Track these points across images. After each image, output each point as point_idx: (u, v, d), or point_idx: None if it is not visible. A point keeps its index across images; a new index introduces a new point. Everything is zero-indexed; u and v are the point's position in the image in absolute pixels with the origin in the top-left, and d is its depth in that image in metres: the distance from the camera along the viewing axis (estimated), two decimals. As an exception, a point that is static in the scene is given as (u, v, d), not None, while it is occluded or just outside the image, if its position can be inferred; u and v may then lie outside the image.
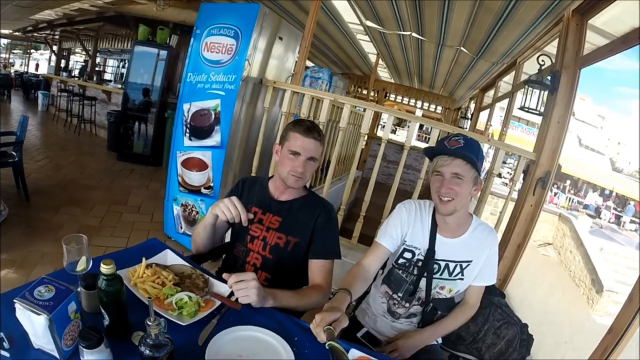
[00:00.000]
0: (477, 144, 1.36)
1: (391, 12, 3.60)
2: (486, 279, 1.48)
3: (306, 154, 1.38)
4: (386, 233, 1.46)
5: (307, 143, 1.38)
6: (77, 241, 1.01)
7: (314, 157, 1.41)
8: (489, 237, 1.44)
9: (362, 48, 6.00)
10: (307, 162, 1.40)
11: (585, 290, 8.89)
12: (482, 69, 4.72)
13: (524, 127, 19.76)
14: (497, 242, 1.46)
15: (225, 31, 2.85)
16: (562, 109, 2.50)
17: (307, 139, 1.38)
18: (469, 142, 1.34)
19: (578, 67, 2.46)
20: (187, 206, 3.15)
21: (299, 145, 1.38)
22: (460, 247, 1.42)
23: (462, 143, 1.33)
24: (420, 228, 1.44)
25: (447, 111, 8.04)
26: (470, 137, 1.39)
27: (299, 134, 1.38)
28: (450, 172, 1.32)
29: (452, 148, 1.33)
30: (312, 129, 1.39)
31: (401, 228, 1.45)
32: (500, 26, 3.07)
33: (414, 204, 1.49)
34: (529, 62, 3.68)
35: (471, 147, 1.33)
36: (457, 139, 1.35)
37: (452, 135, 1.40)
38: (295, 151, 1.38)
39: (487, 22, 3.07)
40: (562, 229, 11.30)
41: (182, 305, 1.05)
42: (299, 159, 1.38)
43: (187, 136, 3.01)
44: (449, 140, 1.36)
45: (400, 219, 1.46)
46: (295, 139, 1.39)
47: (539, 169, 2.54)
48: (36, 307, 0.80)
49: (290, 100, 2.93)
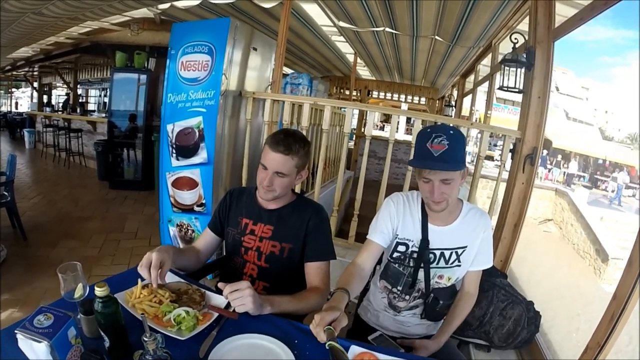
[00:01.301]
0: (461, 138, 1.28)
1: (362, 10, 3.62)
2: (482, 263, 1.46)
3: (272, 168, 1.36)
4: (376, 229, 1.44)
5: (272, 157, 1.35)
6: (72, 269, 1.03)
7: (281, 172, 1.36)
8: (481, 221, 1.41)
9: (339, 49, 6.02)
10: (275, 177, 1.37)
11: (591, 261, 8.94)
12: (459, 55, 4.76)
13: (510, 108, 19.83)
14: (490, 225, 1.44)
15: (199, 48, 2.85)
16: (540, 83, 2.51)
17: (274, 153, 1.35)
18: (453, 139, 1.25)
19: (551, 40, 2.48)
20: (183, 226, 3.14)
21: (266, 159, 1.37)
22: (454, 234, 1.40)
23: (447, 144, 1.23)
24: (410, 220, 1.42)
25: (431, 101, 8.08)
26: (452, 130, 1.29)
27: (268, 146, 1.36)
28: (440, 179, 1.27)
29: (438, 154, 1.24)
30: (281, 143, 1.34)
31: (391, 222, 1.43)
32: (470, 10, 3.10)
33: (401, 197, 1.46)
34: (504, 42, 3.72)
35: (457, 145, 1.25)
36: (441, 140, 1.24)
37: (433, 132, 1.27)
38: (263, 164, 1.38)
39: (457, 8, 3.10)
40: (560, 203, 11.36)
41: (180, 320, 1.06)
42: (267, 173, 1.37)
43: (174, 156, 3.01)
44: (432, 142, 1.25)
45: (389, 213, 1.43)
46: (265, 151, 1.38)
47: (526, 146, 2.55)
48: (37, 335, 0.82)
49: (271, 109, 2.94)
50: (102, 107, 9.01)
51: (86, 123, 7.39)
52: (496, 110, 17.36)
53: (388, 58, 5.89)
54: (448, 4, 3.03)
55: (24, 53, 7.85)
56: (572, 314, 6.09)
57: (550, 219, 11.77)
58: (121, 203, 5.15)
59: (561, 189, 12.38)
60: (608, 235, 8.99)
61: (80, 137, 7.35)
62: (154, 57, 6.36)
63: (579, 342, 1.80)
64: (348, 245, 2.82)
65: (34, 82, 12.31)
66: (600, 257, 8.50)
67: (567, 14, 2.45)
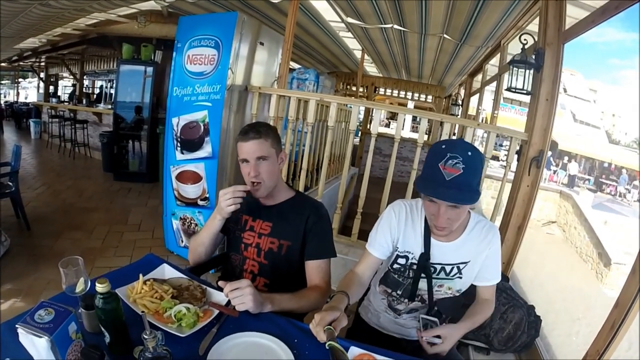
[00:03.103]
0: (479, 161, 1.13)
1: (370, 7, 3.60)
2: (488, 279, 1.37)
3: (252, 156, 1.38)
4: (376, 241, 1.37)
5: (248, 146, 1.38)
6: (74, 263, 1.02)
7: (262, 155, 1.38)
8: (488, 235, 1.31)
9: (346, 45, 6.00)
10: (258, 163, 1.38)
11: (594, 264, 8.88)
12: (467, 54, 4.72)
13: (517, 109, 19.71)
14: (497, 240, 1.33)
15: (205, 42, 2.85)
16: (549, 85, 2.49)
17: (247, 142, 1.38)
18: (470, 162, 1.09)
19: (561, 42, 2.45)
20: (186, 219, 3.15)
21: (243, 152, 1.39)
22: (457, 250, 1.32)
23: (462, 169, 1.08)
24: (412, 232, 1.34)
25: (438, 99, 8.04)
26: (471, 151, 1.11)
27: (240, 141, 1.40)
28: (447, 204, 1.14)
29: (450, 178, 1.09)
30: (249, 131, 1.38)
31: (391, 235, 1.36)
32: (480, 9, 3.07)
33: (404, 207, 1.37)
34: (512, 43, 3.68)
35: (473, 169, 1.10)
36: (455, 163, 1.08)
37: (449, 150, 1.11)
38: (243, 158, 1.40)
39: (467, 6, 3.07)
40: (565, 205, 11.29)
41: (181, 317, 1.06)
42: (249, 164, 1.39)
43: (179, 150, 3.01)
44: (445, 164, 1.09)
45: (389, 225, 1.36)
46: (239, 147, 1.40)
47: (532, 149, 2.53)
48: (37, 330, 0.82)
49: (277, 104, 2.93)
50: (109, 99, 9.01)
51: (92, 114, 7.41)
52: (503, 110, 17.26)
53: (395, 55, 5.86)
54: (458, 2, 3.01)
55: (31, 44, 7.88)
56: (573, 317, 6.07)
57: (554, 221, 11.70)
58: (125, 195, 5.17)
59: (566, 191, 12.30)
60: (612, 239, 8.93)
61: (86, 128, 7.37)
62: (161, 50, 6.37)
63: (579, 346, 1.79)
64: (351, 243, 2.82)
65: (40, 72, 12.35)
66: (603, 262, 8.44)
67: (578, 16, 2.41)
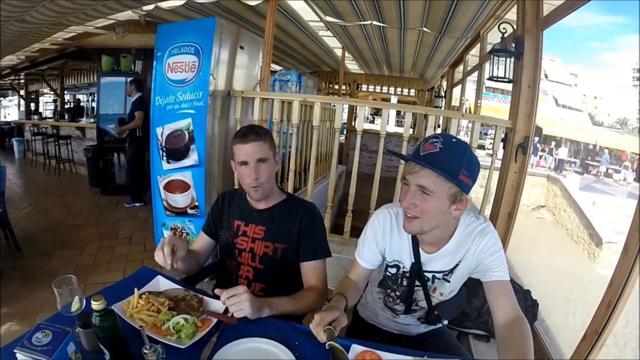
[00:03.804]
0: (461, 148, 1.08)
1: (348, 4, 3.60)
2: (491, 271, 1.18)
3: (252, 158, 1.37)
4: (363, 252, 1.33)
5: (248, 148, 1.37)
6: (67, 282, 1.01)
7: (262, 157, 1.38)
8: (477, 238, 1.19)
9: (327, 44, 6.01)
10: (258, 165, 1.38)
11: (585, 245, 9.03)
12: (447, 46, 4.75)
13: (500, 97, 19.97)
14: (492, 238, 1.19)
15: (185, 49, 2.82)
16: (530, 72, 2.52)
17: (246, 144, 1.37)
18: (449, 145, 1.07)
19: (540, 29, 2.48)
20: (177, 229, 3.12)
21: (243, 154, 1.38)
22: (445, 257, 1.24)
23: (439, 147, 1.06)
24: (398, 241, 1.28)
25: (421, 93, 8.08)
26: (455, 139, 1.11)
27: (239, 143, 1.38)
28: (416, 183, 1.08)
29: (424, 153, 1.07)
30: (249, 133, 1.38)
31: (377, 245, 1.30)
32: (457, 1, 3.09)
33: (389, 215, 1.30)
34: (492, 32, 3.72)
35: (451, 152, 1.06)
36: (434, 142, 1.07)
37: (433, 135, 1.11)
38: (243, 161, 1.39)
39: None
40: (553, 189, 11.46)
41: (180, 328, 1.05)
42: (249, 166, 1.38)
43: (165, 159, 2.98)
44: (425, 142, 1.10)
45: (374, 236, 1.30)
46: (238, 149, 1.39)
47: (517, 135, 2.56)
48: (36, 353, 0.82)
49: (260, 107, 2.92)
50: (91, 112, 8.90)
51: (75, 129, 7.30)
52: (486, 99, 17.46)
53: (376, 51, 5.87)
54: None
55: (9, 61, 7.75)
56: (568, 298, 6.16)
57: (543, 206, 11.87)
58: (114, 209, 5.09)
59: (553, 175, 12.49)
60: (601, 219, 9.09)
61: (70, 144, 7.24)
62: (141, 60, 6.30)
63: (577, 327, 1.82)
64: (344, 241, 2.82)
65: (20, 90, 12.15)
66: (594, 242, 8.59)
67: (555, 2, 2.45)
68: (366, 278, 1.38)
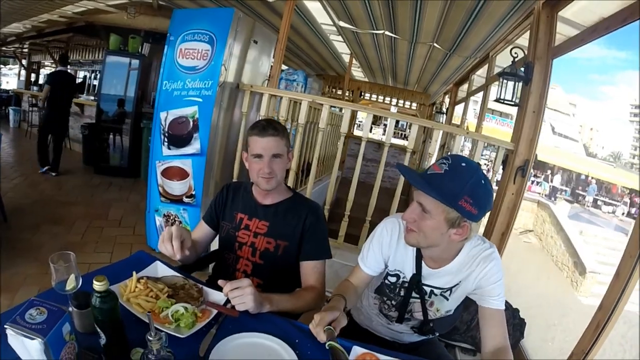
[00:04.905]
0: (468, 174, 1.05)
1: (364, 11, 3.62)
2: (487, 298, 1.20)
3: (268, 152, 1.37)
4: (367, 258, 1.35)
5: (265, 142, 1.37)
6: (65, 259, 0.97)
7: (277, 153, 1.39)
8: (481, 264, 1.20)
9: (336, 49, 6.03)
10: (272, 160, 1.38)
11: (569, 273, 9.15)
12: (455, 64, 4.80)
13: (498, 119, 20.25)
14: (495, 267, 1.20)
15: (200, 37, 2.81)
16: (536, 98, 2.57)
17: (265, 138, 1.37)
18: (455, 169, 1.06)
19: (550, 57, 2.53)
20: (170, 217, 3.10)
21: (259, 147, 1.38)
22: (445, 275, 1.25)
23: (445, 170, 1.06)
24: (403, 252, 1.29)
25: (422, 107, 8.14)
26: (465, 162, 1.08)
27: (256, 136, 1.38)
28: (417, 200, 1.11)
29: (429, 173, 1.08)
30: (267, 127, 1.38)
31: (382, 253, 1.32)
32: (472, 21, 3.12)
33: (397, 225, 1.31)
34: (501, 55, 3.76)
35: (456, 176, 1.05)
36: (443, 163, 1.07)
37: (444, 156, 1.12)
38: (258, 154, 1.38)
39: (459, 18, 3.12)
40: (542, 215, 11.61)
41: (179, 317, 1.04)
42: (263, 160, 1.38)
43: (166, 145, 2.96)
44: (436, 162, 1.11)
45: (380, 244, 1.32)
46: (254, 142, 1.39)
47: (518, 158, 2.60)
48: (29, 332, 0.77)
49: (268, 103, 2.91)
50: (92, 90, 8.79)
51: (74, 105, 7.21)
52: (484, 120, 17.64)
53: (384, 61, 5.91)
54: (451, 13, 3.05)
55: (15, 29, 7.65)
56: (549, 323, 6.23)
57: (531, 230, 12.02)
58: (106, 189, 5.04)
59: (543, 201, 12.65)
60: (587, 249, 9.21)
61: (67, 119, 7.17)
62: (149, 43, 6.26)
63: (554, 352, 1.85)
64: (337, 245, 2.82)
65: (22, 59, 11.97)
66: (578, 270, 8.71)
67: (568, 33, 2.50)
68: (366, 284, 1.39)
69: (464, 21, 3.16)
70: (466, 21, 3.15)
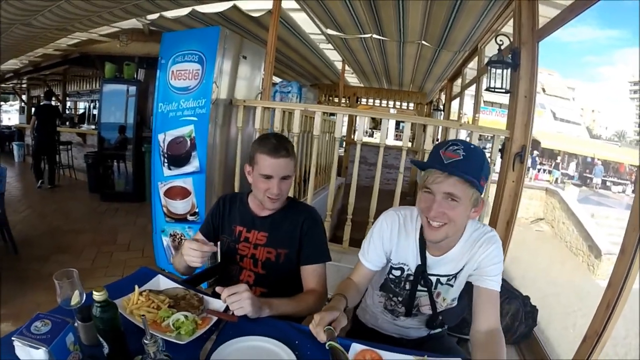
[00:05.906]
0: (480, 155, 1.11)
1: (349, 17, 3.66)
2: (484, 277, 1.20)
3: (278, 173, 1.34)
4: (368, 252, 1.34)
5: (277, 164, 1.33)
6: (68, 275, 1.01)
7: (287, 175, 1.37)
8: (483, 246, 1.21)
9: (327, 57, 6.06)
10: (282, 182, 1.36)
11: (584, 257, 9.02)
12: (446, 60, 4.81)
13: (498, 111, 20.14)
14: (496, 249, 1.21)
15: (189, 57, 2.87)
16: (526, 83, 2.57)
17: (277, 159, 1.33)
18: (471, 152, 1.09)
19: (535, 41, 2.54)
20: (176, 236, 3.13)
21: (269, 168, 1.33)
22: (450, 261, 1.26)
23: (462, 155, 1.07)
24: (405, 244, 1.29)
25: (420, 106, 8.13)
26: (473, 145, 1.13)
27: (267, 155, 1.33)
28: (443, 191, 1.09)
29: (448, 161, 1.08)
30: (280, 148, 1.33)
31: (383, 247, 1.31)
32: (455, 15, 3.15)
33: (397, 217, 1.31)
34: (489, 45, 3.78)
35: (473, 159, 1.08)
36: (456, 149, 1.09)
37: (449, 142, 1.13)
38: (268, 175, 1.34)
39: (442, 13, 3.14)
40: (551, 202, 11.48)
41: (179, 325, 1.06)
42: (272, 181, 1.34)
43: (166, 166, 3.01)
44: (445, 150, 1.10)
45: (381, 237, 1.31)
46: (264, 160, 1.34)
47: (514, 145, 2.59)
48: (34, 342, 0.82)
49: (262, 116, 2.95)
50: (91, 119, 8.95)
51: (76, 135, 7.34)
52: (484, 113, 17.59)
53: (376, 64, 5.94)
54: (434, 9, 3.08)
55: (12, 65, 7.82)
56: (568, 310, 6.13)
57: (542, 218, 11.88)
58: (113, 215, 5.11)
59: (551, 188, 12.53)
60: (600, 231, 9.09)
61: (70, 150, 7.28)
62: (143, 68, 6.37)
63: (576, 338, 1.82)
64: (343, 250, 2.83)
65: (22, 94, 12.20)
66: (594, 253, 8.58)
67: (550, 14, 2.51)
68: (368, 280, 1.39)
69: (447, 16, 3.19)
70: (449, 16, 3.17)
